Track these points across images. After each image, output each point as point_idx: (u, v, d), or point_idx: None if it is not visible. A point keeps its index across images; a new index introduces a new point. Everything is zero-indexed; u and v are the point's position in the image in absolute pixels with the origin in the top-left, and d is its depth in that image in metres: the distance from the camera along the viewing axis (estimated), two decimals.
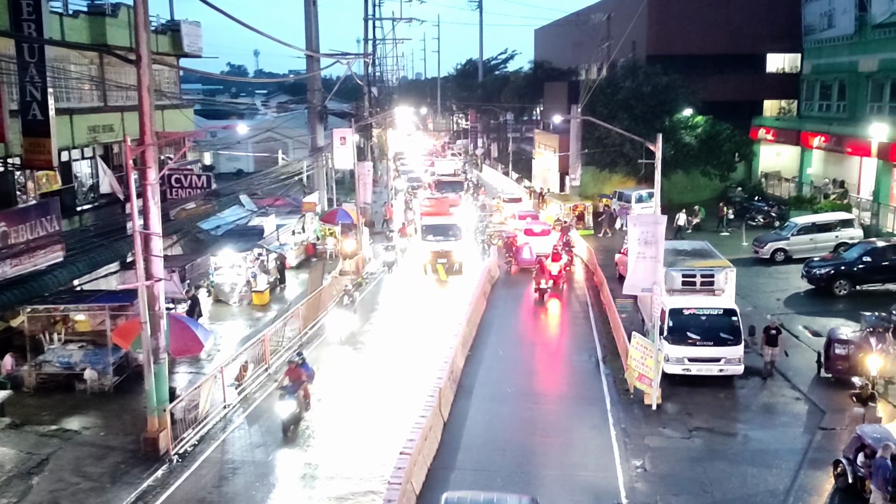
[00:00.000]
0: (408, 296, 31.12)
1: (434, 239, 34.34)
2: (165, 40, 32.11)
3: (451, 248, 33.90)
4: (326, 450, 17.13)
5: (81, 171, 27.21)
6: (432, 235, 34.60)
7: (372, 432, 17.89)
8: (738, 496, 14.93)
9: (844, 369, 19.27)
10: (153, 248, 16.37)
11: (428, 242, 34.44)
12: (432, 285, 32.80)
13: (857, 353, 19.01)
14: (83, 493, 15.09)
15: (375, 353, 23.68)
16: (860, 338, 19.30)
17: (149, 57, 15.89)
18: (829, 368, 19.76)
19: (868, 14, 40.11)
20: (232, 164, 61.37)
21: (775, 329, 20.61)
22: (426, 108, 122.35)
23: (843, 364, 19.26)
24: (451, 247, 33.95)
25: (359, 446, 17.20)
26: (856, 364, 19.00)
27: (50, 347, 20.96)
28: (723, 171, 46.68)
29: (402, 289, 32.29)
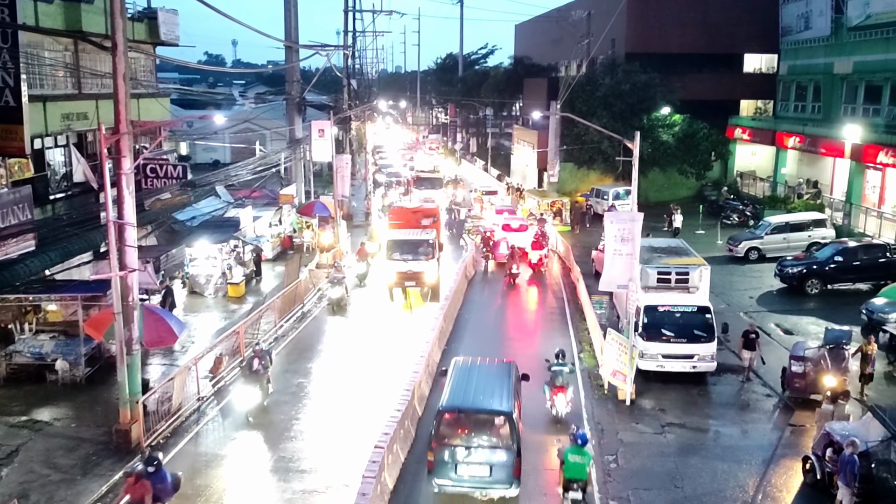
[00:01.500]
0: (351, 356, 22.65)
1: (401, 258, 28.66)
2: (142, 28, 31.73)
3: (422, 269, 28.45)
4: (300, 443, 17.08)
5: (54, 160, 26.85)
6: (399, 253, 28.76)
7: (347, 426, 17.87)
8: (709, 491, 15.11)
9: (801, 387, 18.77)
10: (127, 239, 16.21)
11: (394, 262, 28.71)
12: (392, 326, 25.70)
13: (814, 371, 18.54)
14: (53, 484, 14.94)
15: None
16: (817, 355, 18.71)
17: (125, 44, 15.70)
18: (788, 387, 19.22)
19: (844, 16, 40.61)
20: (208, 154, 60.91)
21: (754, 333, 20.52)
22: (406, 101, 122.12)
23: (800, 382, 18.78)
24: (423, 267, 28.48)
25: (333, 440, 17.17)
26: (812, 382, 18.54)
27: (21, 338, 20.72)
28: (699, 170, 47.13)
29: (344, 341, 24.14)
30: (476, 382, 15.78)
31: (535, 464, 15.85)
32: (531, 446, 16.10)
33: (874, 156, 34.46)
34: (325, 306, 27.68)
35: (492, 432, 14.60)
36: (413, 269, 28.38)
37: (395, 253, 28.82)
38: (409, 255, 28.67)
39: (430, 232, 30.28)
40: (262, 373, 18.46)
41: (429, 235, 29.77)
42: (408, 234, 29.94)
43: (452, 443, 14.41)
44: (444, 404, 14.96)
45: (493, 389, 15.42)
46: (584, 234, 40.94)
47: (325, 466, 15.92)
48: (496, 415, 14.70)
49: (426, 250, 28.89)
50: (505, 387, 15.57)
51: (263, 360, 18.64)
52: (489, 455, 14.33)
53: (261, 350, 18.88)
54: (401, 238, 29.50)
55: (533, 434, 16.88)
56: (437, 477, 14.34)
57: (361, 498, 12.84)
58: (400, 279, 28.44)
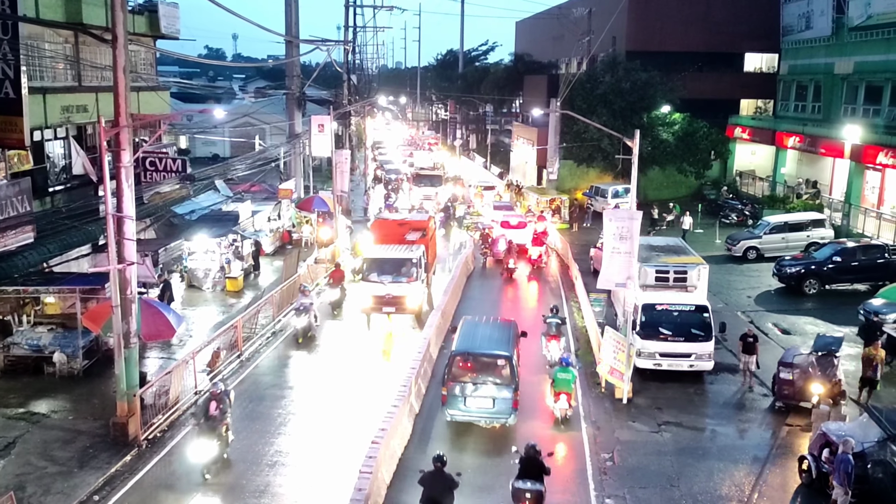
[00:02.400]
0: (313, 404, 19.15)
1: (378, 279, 24.58)
2: (142, 21, 31.65)
3: (404, 293, 24.49)
4: (297, 437, 17.09)
5: (54, 152, 26.80)
6: (377, 274, 24.75)
7: (344, 421, 17.89)
8: (705, 490, 15.14)
9: (790, 394, 18.45)
10: (126, 232, 16.19)
11: (370, 284, 24.63)
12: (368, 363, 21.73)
13: (802, 377, 18.18)
14: (50, 477, 14.95)
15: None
16: (805, 362, 18.40)
17: (125, 37, 15.67)
18: (777, 393, 18.89)
19: (845, 16, 40.59)
20: (208, 148, 60.90)
21: (752, 336, 20.39)
22: (406, 97, 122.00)
23: (789, 388, 18.43)
24: (404, 290, 24.51)
25: (330, 435, 17.18)
26: (800, 389, 18.18)
27: (19, 330, 20.69)
28: (699, 169, 47.13)
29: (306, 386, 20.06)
30: (482, 333, 18.84)
31: (532, 399, 18.78)
32: (528, 386, 18.90)
33: (874, 156, 34.48)
34: (289, 335, 23.68)
35: (495, 372, 17.49)
36: (393, 294, 24.39)
37: (372, 273, 24.81)
38: (388, 275, 24.69)
39: (415, 249, 26.00)
40: (219, 419, 15.55)
41: (413, 253, 25.53)
42: (388, 252, 25.85)
43: (462, 380, 17.28)
44: (456, 349, 17.94)
45: (497, 338, 18.48)
46: (583, 232, 40.96)
47: (322, 460, 15.92)
48: (499, 357, 17.66)
49: (409, 270, 24.91)
50: (506, 337, 18.57)
51: (222, 404, 15.66)
52: (493, 391, 17.17)
53: (219, 392, 15.76)
54: (379, 256, 25.56)
55: (530, 376, 19.83)
56: (449, 408, 17.25)
57: (357, 493, 12.87)
58: (377, 304, 24.46)
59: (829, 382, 17.78)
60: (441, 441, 16.94)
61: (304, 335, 23.32)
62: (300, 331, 23.31)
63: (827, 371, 18.03)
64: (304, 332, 23.37)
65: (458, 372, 17.46)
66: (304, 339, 23.29)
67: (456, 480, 13.05)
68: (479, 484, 15.03)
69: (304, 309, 23.45)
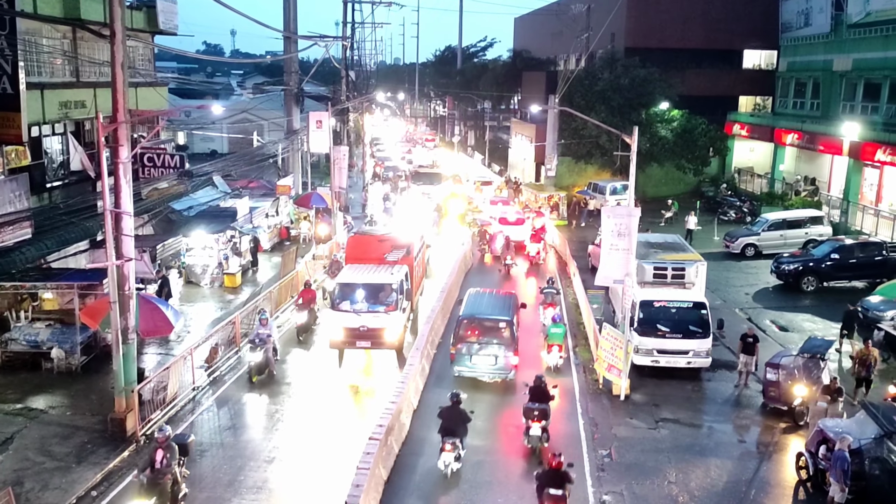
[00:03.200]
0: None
1: (351, 308, 20.75)
2: (140, 16, 31.60)
3: (381, 325, 20.57)
4: (295, 434, 17.11)
5: (52, 148, 26.76)
6: (350, 301, 20.91)
7: (341, 419, 17.89)
8: (702, 486, 15.17)
9: (775, 396, 18.25)
10: (124, 228, 16.19)
11: (341, 314, 20.75)
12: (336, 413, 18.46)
13: (788, 379, 17.97)
14: (48, 472, 14.95)
15: None
16: (792, 364, 18.26)
17: (123, 33, 15.65)
18: (764, 394, 18.76)
19: (844, 13, 40.60)
20: (206, 144, 60.85)
21: (752, 337, 20.15)
22: (404, 93, 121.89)
23: (774, 390, 18.25)
24: (382, 322, 20.58)
25: (328, 431, 17.19)
26: (786, 391, 17.95)
27: (17, 325, 20.68)
28: (697, 166, 47.15)
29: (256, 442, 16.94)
30: (486, 302, 21.54)
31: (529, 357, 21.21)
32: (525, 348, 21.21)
33: (872, 153, 34.50)
34: (244, 372, 20.23)
35: (497, 334, 19.75)
36: (368, 326, 20.49)
37: (343, 300, 20.91)
38: (363, 303, 20.80)
39: (397, 271, 22.03)
40: (163, 471, 13.10)
41: (394, 276, 21.54)
42: (363, 275, 21.85)
43: (468, 341, 19.66)
44: (463, 314, 20.55)
45: (499, 306, 21.06)
46: (580, 229, 40.93)
47: (319, 456, 15.91)
48: (500, 321, 20.04)
49: (389, 297, 21.00)
50: (508, 305, 21.16)
51: (169, 453, 13.26)
52: (495, 350, 19.52)
53: (165, 438, 13.22)
54: (352, 280, 21.53)
55: (527, 340, 22.11)
56: (456, 365, 19.73)
57: (355, 489, 12.89)
58: (349, 338, 20.63)
59: (813, 385, 17.55)
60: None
61: (259, 373, 19.86)
62: (254, 368, 19.78)
63: (812, 374, 17.82)
64: (260, 370, 19.89)
65: (464, 334, 19.81)
66: (261, 378, 19.84)
67: (469, 416, 15.51)
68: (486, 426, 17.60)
69: (261, 341, 19.94)
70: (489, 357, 19.53)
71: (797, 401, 17.54)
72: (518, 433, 16.60)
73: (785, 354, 19.03)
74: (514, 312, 20.91)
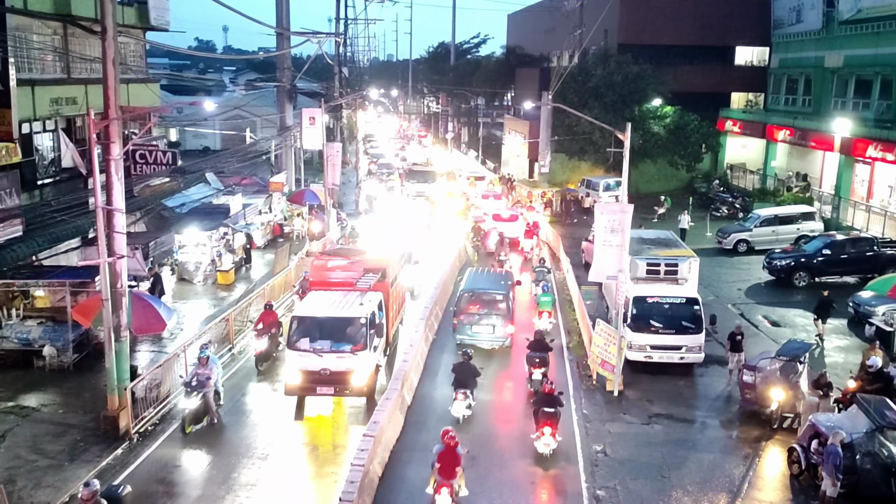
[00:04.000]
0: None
1: (311, 347, 17.48)
2: (132, 12, 31.44)
3: (347, 368, 17.33)
4: (288, 429, 17.09)
5: (43, 145, 26.63)
6: (310, 339, 17.69)
7: (335, 414, 17.88)
8: (696, 481, 15.21)
9: (751, 398, 17.92)
10: (116, 225, 16.14)
11: (299, 354, 17.50)
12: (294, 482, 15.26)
13: (765, 382, 17.56)
14: (40, 470, 14.90)
15: None
16: (770, 367, 17.77)
17: (114, 29, 15.59)
18: (741, 396, 18.48)
19: (835, 10, 40.69)
20: (198, 141, 60.60)
21: (740, 335, 20.21)
22: (397, 90, 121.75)
23: (750, 393, 17.89)
24: (348, 364, 17.34)
25: (322, 426, 17.18)
26: (762, 395, 17.58)
27: (8, 323, 20.59)
28: (690, 162, 47.24)
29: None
30: (485, 278, 24.27)
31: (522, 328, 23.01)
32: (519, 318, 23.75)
33: (863, 150, 34.63)
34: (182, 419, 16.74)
35: (494, 306, 21.98)
36: (331, 369, 17.25)
37: (301, 338, 17.66)
38: (325, 342, 17.60)
39: (368, 300, 18.54)
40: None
41: (364, 308, 18.05)
42: (326, 306, 18.49)
43: (469, 312, 21.90)
44: (463, 288, 23.02)
45: (496, 282, 23.67)
46: (573, 225, 40.93)
47: (313, 451, 15.86)
48: (497, 294, 22.36)
49: (356, 334, 17.58)
50: (504, 281, 23.83)
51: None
52: (493, 320, 21.75)
53: (92, 495, 11.38)
54: (312, 313, 18.25)
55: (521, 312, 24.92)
56: (458, 334, 21.91)
57: (349, 485, 12.89)
58: (309, 383, 17.39)
59: (790, 389, 17.20)
60: None
61: (195, 422, 16.59)
62: (189, 416, 16.46)
63: (789, 377, 17.41)
64: (197, 418, 16.65)
65: (465, 306, 22.03)
66: (198, 429, 16.67)
67: (479, 371, 17.85)
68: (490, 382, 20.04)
69: (199, 384, 16.67)
70: (488, 326, 21.75)
71: (773, 405, 17.26)
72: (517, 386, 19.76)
73: (763, 357, 18.51)
74: (510, 288, 23.38)
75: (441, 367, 20.83)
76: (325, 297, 19.14)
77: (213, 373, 17.21)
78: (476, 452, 15.76)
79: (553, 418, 15.78)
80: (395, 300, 21.77)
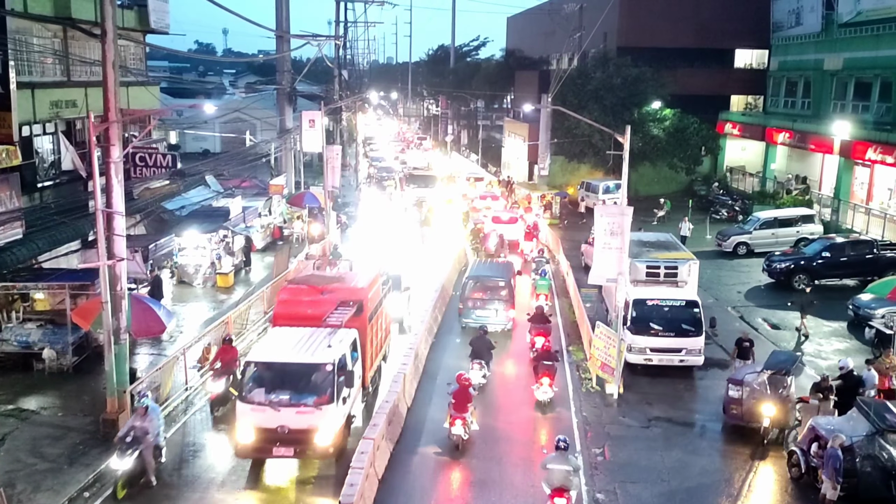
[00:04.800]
0: None
1: (266, 401, 14.86)
2: (132, 15, 31.47)
3: (310, 425, 14.65)
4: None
5: (43, 147, 26.64)
6: (265, 390, 15.07)
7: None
8: (695, 485, 15.21)
9: (738, 414, 17.10)
10: (116, 228, 16.13)
11: (254, 407, 14.83)
12: None
13: (752, 397, 16.82)
14: (40, 473, 14.88)
15: None
16: (757, 380, 16.93)
17: (114, 32, 15.60)
18: (724, 412, 17.68)
19: (835, 13, 40.73)
20: (198, 143, 60.59)
21: (748, 342, 19.82)
22: (397, 93, 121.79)
23: (737, 408, 17.09)
24: (310, 421, 14.65)
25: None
26: (750, 410, 16.81)
27: (7, 326, 20.57)
28: (689, 165, 47.24)
29: None
30: (488, 267, 26.55)
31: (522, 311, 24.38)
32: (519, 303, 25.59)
33: (863, 152, 34.64)
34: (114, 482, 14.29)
35: (496, 292, 23.92)
36: (290, 426, 14.59)
37: (255, 389, 15.06)
38: (283, 393, 15.00)
39: (339, 341, 15.86)
40: None
41: (332, 352, 15.31)
42: (286, 349, 15.68)
43: (474, 297, 23.84)
44: (469, 275, 25.33)
45: (499, 270, 25.79)
46: (572, 227, 40.88)
47: None
48: (499, 281, 24.34)
49: (322, 385, 14.94)
50: (506, 270, 25.88)
51: None
52: (496, 305, 23.63)
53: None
54: (268, 358, 15.55)
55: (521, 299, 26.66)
56: (464, 318, 23.74)
57: (349, 488, 12.88)
58: (264, 442, 14.75)
59: (782, 403, 16.55)
60: None
61: (129, 485, 14.17)
62: (122, 478, 14.04)
63: (780, 391, 16.66)
64: (130, 481, 14.20)
65: (470, 292, 23.90)
66: (133, 492, 14.18)
67: (493, 344, 20.08)
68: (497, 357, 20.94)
69: (135, 440, 14.17)
70: (491, 310, 23.47)
71: (765, 421, 16.43)
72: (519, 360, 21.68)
73: (749, 371, 17.67)
74: (511, 276, 25.38)
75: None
76: (288, 337, 16.19)
77: (153, 425, 14.40)
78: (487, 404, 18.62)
79: (551, 370, 18.51)
80: (374, 335, 18.56)
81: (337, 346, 15.56)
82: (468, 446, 16.24)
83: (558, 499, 12.89)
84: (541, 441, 17.21)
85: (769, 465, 16.04)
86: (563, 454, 13.14)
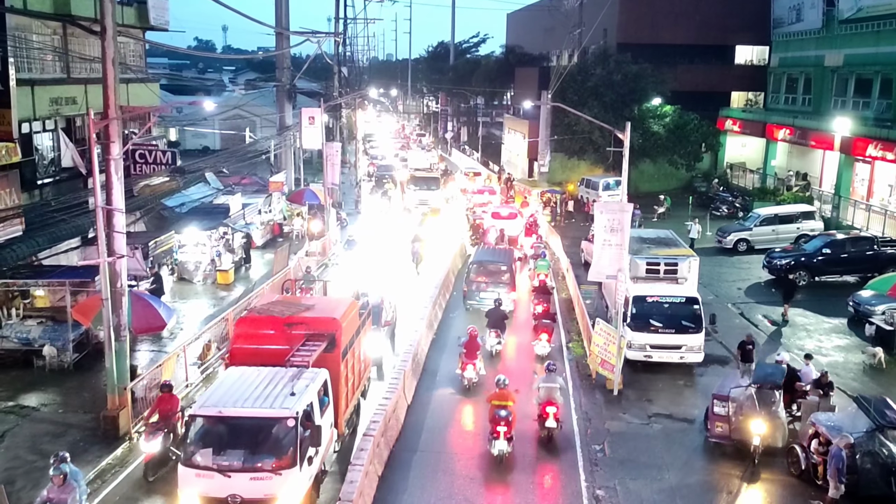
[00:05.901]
0: None
1: (214, 464, 12.41)
2: (131, 12, 31.42)
3: (267, 494, 12.24)
4: None
5: (43, 144, 26.61)
6: (212, 450, 12.60)
7: None
8: (695, 482, 15.21)
9: (723, 432, 15.98)
10: (116, 224, 16.12)
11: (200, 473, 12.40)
12: None
13: (739, 413, 15.81)
14: (39, 471, 14.85)
15: None
16: (744, 395, 15.94)
17: (114, 29, 15.58)
18: (708, 429, 16.58)
19: (835, 9, 40.68)
20: (198, 140, 60.62)
21: (751, 344, 19.77)
22: (397, 90, 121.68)
23: (722, 426, 15.95)
24: (266, 488, 12.24)
25: None
26: (737, 427, 15.80)
27: (8, 323, 20.59)
28: (689, 161, 47.20)
29: None
30: (490, 254, 27.93)
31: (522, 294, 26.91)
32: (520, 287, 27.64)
33: (863, 149, 34.62)
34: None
35: (499, 275, 25.65)
36: (243, 495, 12.21)
37: (200, 449, 12.67)
38: (235, 454, 12.59)
39: (304, 386, 13.36)
40: None
41: (294, 401, 12.84)
42: (239, 398, 13.03)
43: (477, 281, 25.52)
44: (473, 260, 27.09)
45: (501, 257, 27.34)
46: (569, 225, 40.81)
47: None
48: (502, 265, 26.11)
49: (282, 443, 12.62)
50: (508, 256, 27.61)
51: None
52: (497, 288, 24.87)
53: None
54: (217, 411, 12.85)
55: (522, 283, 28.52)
56: (468, 300, 25.55)
57: (349, 485, 12.89)
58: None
59: (772, 420, 15.62)
60: None
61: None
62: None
63: (770, 407, 15.76)
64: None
65: (474, 276, 25.62)
66: None
67: (507, 314, 22.69)
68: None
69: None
70: (493, 293, 24.28)
71: (755, 439, 15.35)
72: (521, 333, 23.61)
73: (734, 385, 16.55)
74: (512, 262, 27.08)
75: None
76: (243, 381, 13.49)
77: (72, 496, 11.87)
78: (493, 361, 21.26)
79: (548, 328, 21.50)
80: (351, 372, 16.13)
81: (302, 393, 12.98)
82: (477, 388, 19.18)
83: (549, 407, 16.20)
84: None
85: (769, 461, 16.00)
86: (552, 375, 16.76)
